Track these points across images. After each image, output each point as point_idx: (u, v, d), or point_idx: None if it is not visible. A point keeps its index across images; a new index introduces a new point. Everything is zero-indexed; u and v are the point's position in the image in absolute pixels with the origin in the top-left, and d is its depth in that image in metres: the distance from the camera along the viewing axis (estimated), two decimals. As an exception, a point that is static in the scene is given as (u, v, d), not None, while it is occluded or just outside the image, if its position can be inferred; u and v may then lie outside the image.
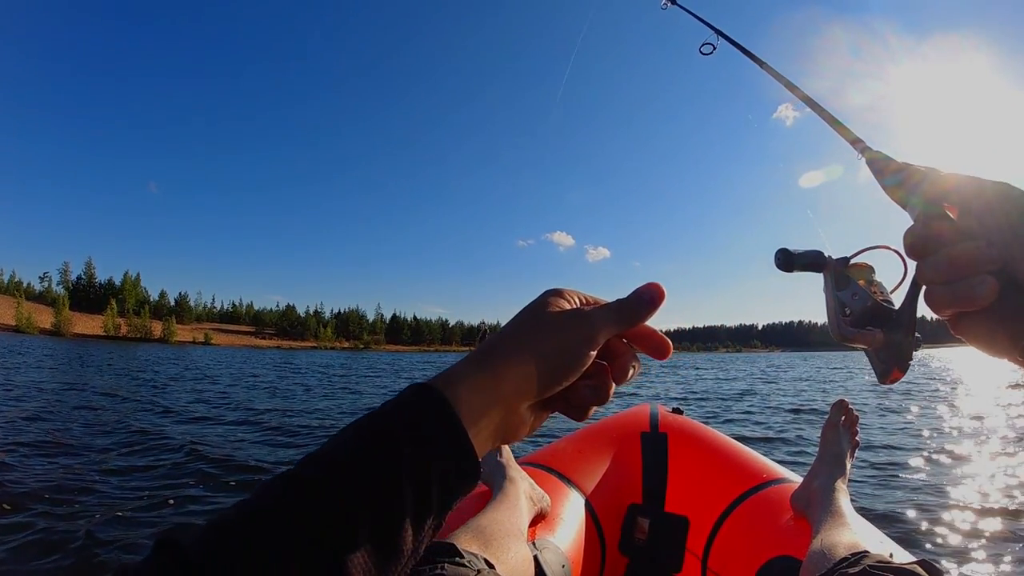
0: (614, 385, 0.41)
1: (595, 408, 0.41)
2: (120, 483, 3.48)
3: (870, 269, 0.55)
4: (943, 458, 4.33)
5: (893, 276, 0.54)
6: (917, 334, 0.48)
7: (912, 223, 0.41)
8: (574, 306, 0.41)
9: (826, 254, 0.56)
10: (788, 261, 0.56)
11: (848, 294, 0.53)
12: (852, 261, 0.55)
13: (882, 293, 0.53)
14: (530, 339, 0.38)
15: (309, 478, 0.32)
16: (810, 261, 0.56)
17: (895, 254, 0.53)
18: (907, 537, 2.62)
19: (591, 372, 0.39)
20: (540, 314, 0.39)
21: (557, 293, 0.41)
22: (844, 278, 0.54)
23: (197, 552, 0.28)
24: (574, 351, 0.38)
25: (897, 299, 0.52)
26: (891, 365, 0.49)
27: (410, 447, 0.33)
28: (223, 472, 3.85)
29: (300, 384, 13.23)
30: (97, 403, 7.52)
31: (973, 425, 6.04)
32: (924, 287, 0.39)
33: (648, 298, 0.40)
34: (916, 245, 0.39)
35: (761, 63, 0.86)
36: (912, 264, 0.41)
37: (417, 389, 0.36)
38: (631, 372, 0.41)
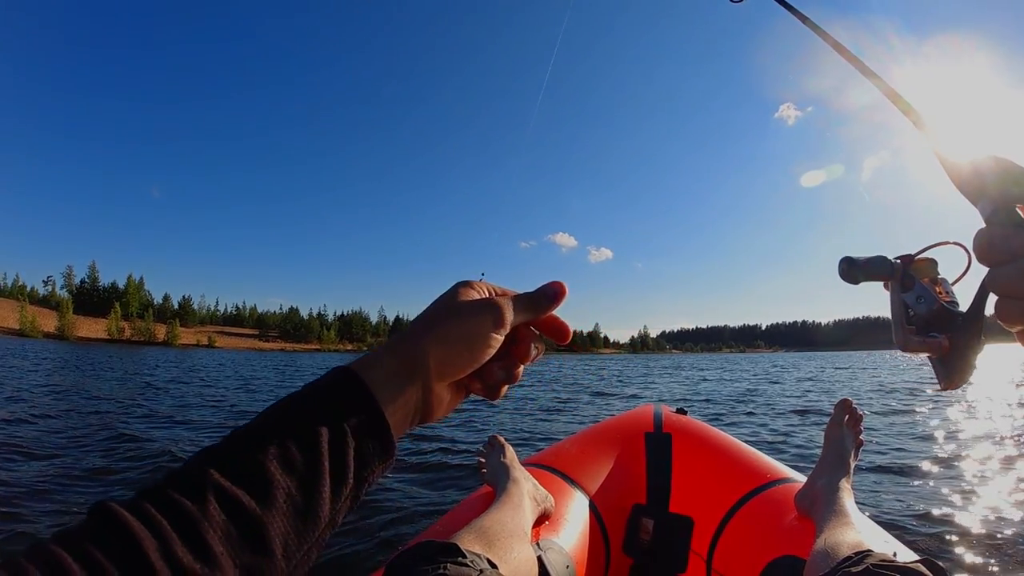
0: (522, 366, 0.46)
1: (507, 387, 0.46)
2: (96, 488, 3.44)
3: (934, 265, 0.52)
4: (948, 457, 4.31)
5: (955, 267, 0.51)
6: (982, 336, 0.46)
7: (984, 224, 0.37)
8: (484, 296, 0.44)
9: (891, 259, 0.52)
10: (853, 272, 0.52)
11: (913, 296, 0.50)
12: (916, 257, 0.52)
13: (947, 293, 0.50)
14: (443, 325, 0.41)
15: (231, 449, 0.34)
16: (876, 269, 0.52)
17: (962, 250, 0.49)
18: (911, 536, 2.61)
19: (501, 355, 0.44)
20: (452, 303, 0.43)
21: (467, 284, 0.45)
22: (909, 278, 0.51)
23: (126, 511, 0.30)
24: (485, 335, 0.42)
25: (959, 292, 0.50)
26: (954, 372, 0.47)
27: (329, 423, 0.36)
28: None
29: (299, 386, 13.21)
30: (87, 407, 7.40)
31: (980, 424, 6.00)
32: (994, 295, 0.36)
33: (552, 294, 0.45)
34: (989, 251, 0.36)
35: (803, 18, 0.77)
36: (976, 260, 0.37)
37: (336, 372, 0.39)
38: (534, 353, 0.46)
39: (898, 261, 0.52)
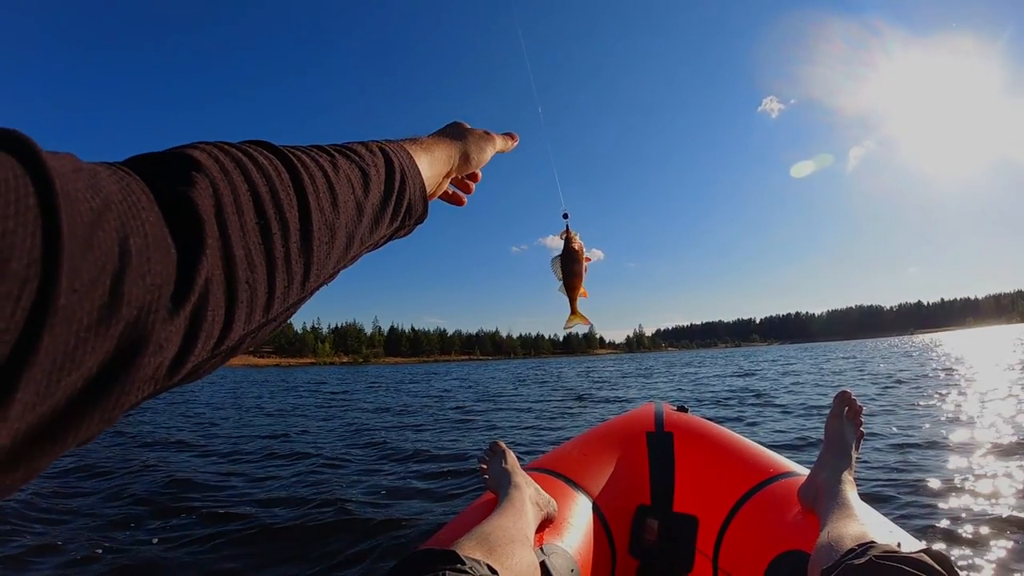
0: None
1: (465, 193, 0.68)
2: (94, 497, 3.43)
3: None
4: (953, 447, 4.30)
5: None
6: None
7: None
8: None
9: None
10: None
11: None
12: None
13: None
14: (466, 136, 0.60)
15: (347, 147, 0.44)
16: None
17: None
18: (917, 526, 2.61)
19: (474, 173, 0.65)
20: (464, 127, 0.62)
21: (460, 121, 0.63)
22: None
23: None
24: (487, 148, 0.62)
25: None
26: None
27: (402, 179, 0.47)
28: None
29: (291, 403, 13.09)
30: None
31: (984, 412, 6.01)
32: None
33: (515, 135, 0.69)
34: None
35: None
36: None
37: (404, 151, 0.50)
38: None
39: None
